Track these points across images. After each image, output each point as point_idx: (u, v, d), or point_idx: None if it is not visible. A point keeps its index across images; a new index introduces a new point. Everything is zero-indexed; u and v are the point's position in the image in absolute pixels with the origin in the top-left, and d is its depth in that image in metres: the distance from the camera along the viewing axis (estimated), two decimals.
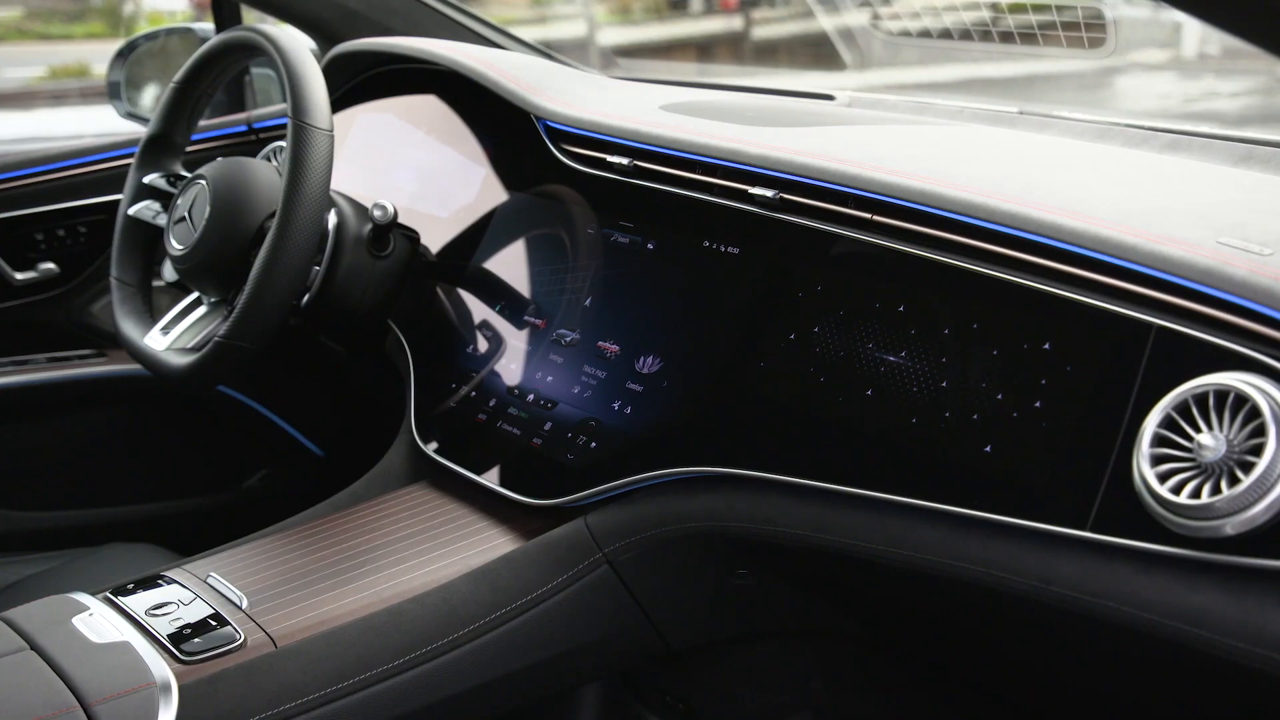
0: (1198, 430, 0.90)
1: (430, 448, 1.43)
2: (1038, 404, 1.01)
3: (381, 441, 1.55)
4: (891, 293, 1.13)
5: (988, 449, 1.03)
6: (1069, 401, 0.99)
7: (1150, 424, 0.93)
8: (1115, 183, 1.18)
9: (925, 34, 1.68)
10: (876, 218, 1.18)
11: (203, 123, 2.08)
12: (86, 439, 2.02)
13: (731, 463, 1.18)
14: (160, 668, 1.09)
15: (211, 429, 2.13)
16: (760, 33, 7.11)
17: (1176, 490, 0.90)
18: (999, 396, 1.03)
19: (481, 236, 1.55)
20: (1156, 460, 0.92)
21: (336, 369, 2.10)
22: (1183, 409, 0.92)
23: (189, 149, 1.71)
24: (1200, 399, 0.91)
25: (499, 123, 1.62)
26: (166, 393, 2.01)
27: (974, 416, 1.04)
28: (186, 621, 1.16)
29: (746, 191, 1.28)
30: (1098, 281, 1.01)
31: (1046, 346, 1.02)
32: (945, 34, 1.65)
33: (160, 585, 1.23)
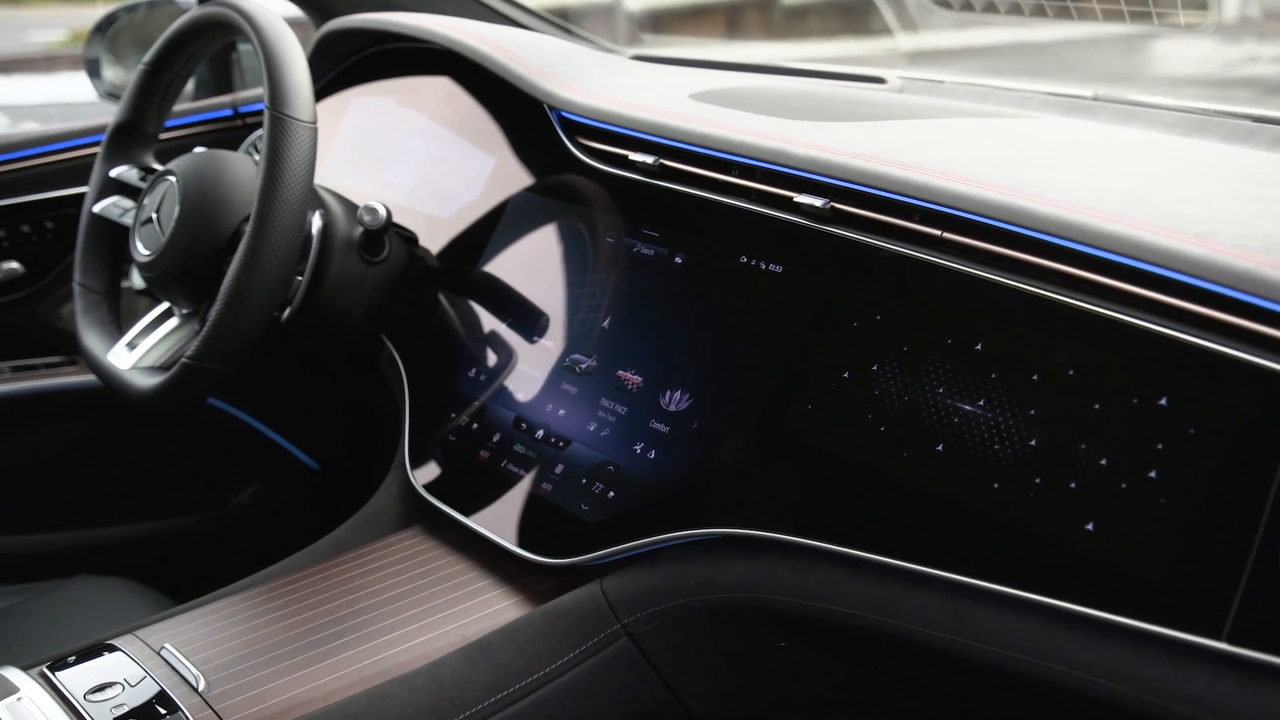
0: None
1: (425, 487, 1.25)
2: (1152, 474, 0.82)
3: (379, 453, 1.38)
4: (966, 326, 0.94)
5: (1089, 527, 0.84)
6: (1193, 473, 0.80)
7: None
8: (1239, 196, 0.99)
9: (990, 8, 1.48)
10: (948, 235, 0.99)
11: (185, 106, 1.91)
12: (57, 455, 1.84)
13: (772, 526, 1.00)
14: None
15: (196, 442, 1.95)
16: None
17: None
18: (1102, 462, 0.85)
19: (486, 241, 1.36)
20: None
21: (330, 376, 1.92)
22: None
23: (166, 135, 1.54)
24: None
25: (507, 112, 1.43)
26: None
27: (1071, 485, 0.85)
28: (131, 708, 0.99)
29: (791, 199, 1.09)
30: (1229, 324, 0.82)
31: (1163, 402, 0.83)
32: (1015, 9, 1.44)
33: (105, 655, 1.06)
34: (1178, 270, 0.84)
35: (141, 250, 1.36)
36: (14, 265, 1.83)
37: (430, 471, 1.27)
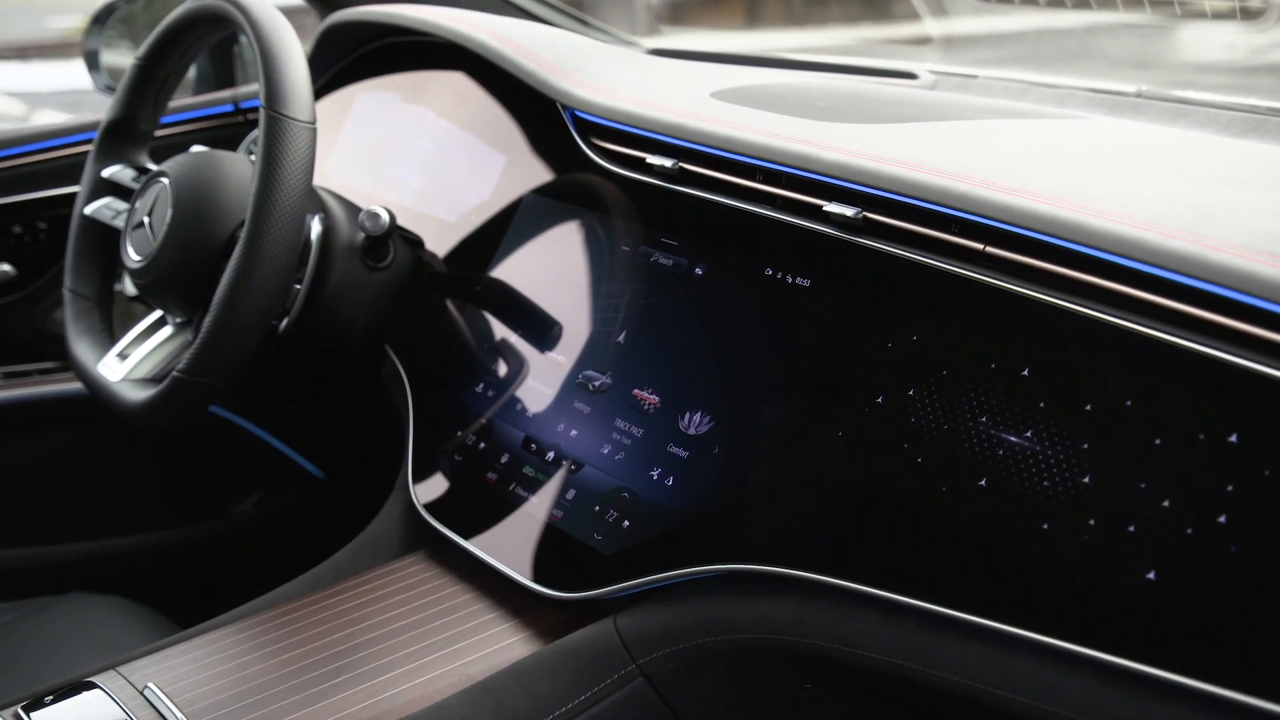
0: None
1: (429, 510, 1.18)
2: (1221, 519, 0.74)
3: (387, 462, 1.31)
4: (1012, 350, 0.87)
5: (1150, 576, 0.76)
6: (1268, 519, 0.73)
7: None
8: None
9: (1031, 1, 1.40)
10: (990, 249, 0.91)
11: (184, 101, 1.84)
12: (51, 465, 1.78)
13: (799, 563, 0.92)
14: None
15: (197, 452, 1.88)
16: None
17: None
18: (1165, 503, 0.77)
19: (495, 247, 1.29)
20: None
21: (335, 381, 1.85)
22: None
23: (163, 132, 1.47)
24: None
25: (519, 111, 1.36)
26: None
27: (1129, 528, 0.78)
28: None
29: (821, 208, 1.01)
30: None
31: (1233, 439, 0.75)
32: (1056, 1, 1.36)
33: (84, 694, 0.99)
34: (1250, 293, 0.77)
35: (132, 256, 1.30)
36: (6, 268, 1.76)
37: (434, 492, 1.20)
